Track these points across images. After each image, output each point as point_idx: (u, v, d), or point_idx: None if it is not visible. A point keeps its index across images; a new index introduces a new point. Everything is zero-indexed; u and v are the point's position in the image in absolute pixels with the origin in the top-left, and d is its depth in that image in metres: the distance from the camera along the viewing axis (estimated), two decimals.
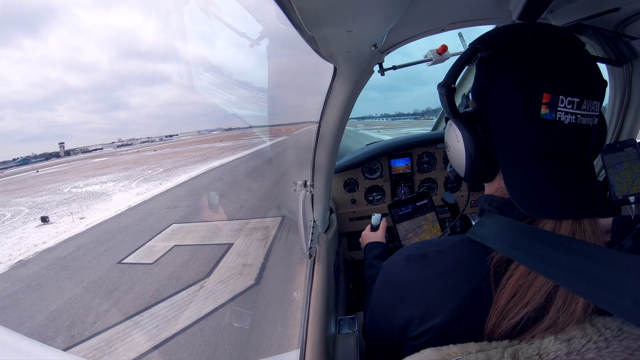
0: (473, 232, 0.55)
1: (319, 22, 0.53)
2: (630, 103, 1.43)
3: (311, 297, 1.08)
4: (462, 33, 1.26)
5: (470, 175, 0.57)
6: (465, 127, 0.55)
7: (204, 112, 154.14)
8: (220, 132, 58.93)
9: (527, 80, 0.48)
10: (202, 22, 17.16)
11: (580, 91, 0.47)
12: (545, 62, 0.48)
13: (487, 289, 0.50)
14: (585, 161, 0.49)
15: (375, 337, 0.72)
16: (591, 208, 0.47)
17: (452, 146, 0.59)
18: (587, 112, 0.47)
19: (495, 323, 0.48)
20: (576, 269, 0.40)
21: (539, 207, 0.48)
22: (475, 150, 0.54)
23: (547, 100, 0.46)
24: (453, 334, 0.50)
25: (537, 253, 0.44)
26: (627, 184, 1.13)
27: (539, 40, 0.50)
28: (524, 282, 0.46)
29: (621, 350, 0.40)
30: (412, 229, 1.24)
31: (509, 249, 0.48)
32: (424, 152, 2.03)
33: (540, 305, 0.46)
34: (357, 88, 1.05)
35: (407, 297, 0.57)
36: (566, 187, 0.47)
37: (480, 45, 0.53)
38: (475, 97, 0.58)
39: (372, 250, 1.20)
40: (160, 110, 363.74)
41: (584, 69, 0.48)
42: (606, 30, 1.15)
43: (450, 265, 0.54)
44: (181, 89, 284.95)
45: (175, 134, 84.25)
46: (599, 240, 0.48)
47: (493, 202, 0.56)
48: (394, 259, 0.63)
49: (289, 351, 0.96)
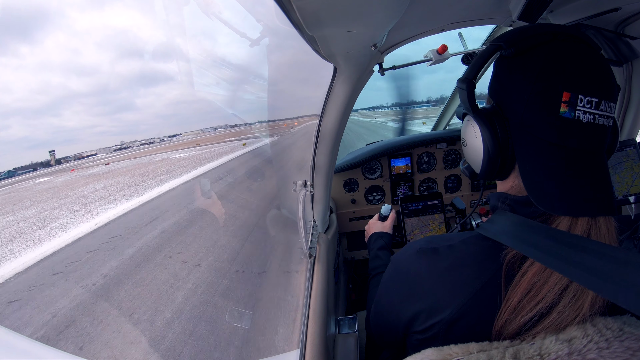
0: (485, 229, 0.56)
1: (319, 22, 0.53)
2: (630, 103, 1.43)
3: (311, 297, 1.08)
4: (462, 33, 1.26)
5: (487, 172, 0.57)
6: (485, 123, 0.55)
7: (211, 109, 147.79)
8: (225, 129, 56.95)
9: (548, 78, 0.49)
10: (203, 20, 15.07)
11: (599, 91, 0.48)
12: (565, 62, 0.49)
13: (497, 285, 0.50)
14: (600, 161, 0.50)
15: (380, 329, 0.72)
16: (607, 206, 0.48)
17: (470, 142, 0.60)
18: (605, 112, 0.48)
19: (507, 320, 0.48)
20: (591, 267, 0.40)
21: (557, 204, 0.48)
22: (494, 146, 0.54)
23: (567, 98, 0.47)
24: (460, 329, 0.51)
25: (551, 251, 0.45)
26: (627, 184, 1.14)
27: (558, 41, 0.51)
28: (539, 279, 0.47)
29: (622, 351, 0.40)
30: (419, 227, 1.26)
31: (524, 245, 0.48)
32: (424, 152, 2.03)
33: (554, 302, 0.46)
34: (357, 88, 1.05)
35: (415, 291, 0.57)
36: (583, 185, 0.48)
37: (502, 42, 0.54)
38: (494, 94, 0.59)
39: (377, 241, 1.20)
40: (167, 110, 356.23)
41: (601, 71, 0.49)
42: (606, 30, 1.15)
43: (461, 260, 0.54)
44: (186, 87, 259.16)
45: (178, 134, 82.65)
46: (613, 239, 0.49)
47: (507, 199, 0.56)
48: (405, 251, 0.63)
49: (289, 351, 0.96)
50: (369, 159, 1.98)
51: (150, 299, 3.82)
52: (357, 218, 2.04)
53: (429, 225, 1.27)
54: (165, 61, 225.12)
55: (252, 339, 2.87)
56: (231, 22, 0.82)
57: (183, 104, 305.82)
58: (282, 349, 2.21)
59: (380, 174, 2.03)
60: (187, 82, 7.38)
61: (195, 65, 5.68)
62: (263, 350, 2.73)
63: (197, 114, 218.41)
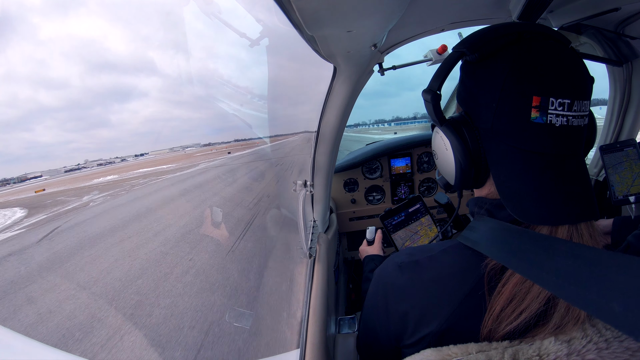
0: (464, 237, 0.54)
1: (319, 22, 0.53)
2: (630, 103, 1.43)
3: (311, 297, 1.08)
4: (462, 33, 1.26)
5: (461, 184, 0.56)
6: (454, 135, 0.53)
7: (188, 127, 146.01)
8: (198, 148, 55.65)
9: (515, 83, 0.47)
10: (193, 24, 14.07)
11: (571, 92, 0.45)
12: (533, 64, 0.46)
13: (481, 295, 0.49)
14: (578, 163, 0.48)
15: (370, 350, 0.70)
16: (587, 211, 0.46)
17: (441, 154, 0.58)
18: (578, 112, 0.46)
19: (491, 329, 0.47)
20: (569, 274, 0.39)
21: (534, 214, 0.47)
22: (465, 158, 0.53)
23: (537, 103, 0.45)
24: (450, 339, 0.50)
25: (529, 258, 0.43)
26: (627, 184, 1.13)
27: (524, 41, 0.48)
28: (521, 288, 0.46)
29: (622, 351, 0.40)
30: (409, 237, 1.22)
31: (502, 254, 0.47)
32: (424, 152, 2.03)
33: (541, 311, 0.45)
34: (357, 88, 1.05)
35: (400, 299, 0.56)
36: (561, 191, 0.46)
37: (464, 49, 0.51)
38: (462, 101, 0.57)
39: (369, 264, 1.18)
40: (143, 127, 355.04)
41: (572, 68, 0.47)
42: (606, 30, 1.15)
43: (443, 271, 0.53)
44: (163, 104, 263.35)
45: (146, 152, 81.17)
46: (597, 243, 0.47)
47: (484, 204, 0.55)
48: (386, 266, 0.62)
49: (289, 351, 0.96)
50: (369, 159, 1.98)
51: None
52: (357, 218, 2.04)
53: (418, 232, 1.24)
54: (139, 75, 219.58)
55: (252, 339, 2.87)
56: (230, 23, 0.82)
57: (159, 122, 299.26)
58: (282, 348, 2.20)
59: (380, 174, 2.03)
60: (164, 98, 6.03)
61: (178, 78, 5.44)
62: (263, 350, 2.73)
63: (175, 132, 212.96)
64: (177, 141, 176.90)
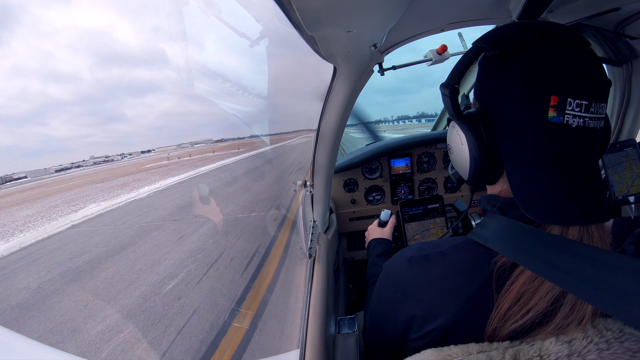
0: (475, 234, 0.55)
1: (319, 22, 0.53)
2: (630, 103, 1.43)
3: (311, 297, 1.08)
4: (462, 33, 1.26)
5: (474, 179, 0.56)
6: (470, 129, 0.53)
7: (205, 121, 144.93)
8: (208, 145, 54.03)
9: (535, 82, 0.47)
10: (194, 21, 14.57)
11: (589, 93, 0.45)
12: (552, 63, 0.46)
13: (489, 292, 0.49)
14: (592, 165, 0.48)
15: (376, 339, 0.71)
16: (599, 213, 0.46)
17: (456, 149, 0.58)
18: (595, 114, 0.46)
19: (497, 327, 0.47)
20: (583, 274, 0.38)
21: (546, 213, 0.47)
22: (480, 153, 0.53)
23: (555, 103, 0.45)
24: (456, 336, 0.50)
25: (542, 257, 0.43)
26: (626, 184, 1.13)
27: (544, 40, 0.48)
28: (529, 287, 0.46)
29: (622, 352, 0.40)
30: (420, 231, 1.23)
31: (514, 252, 0.47)
32: (424, 152, 2.03)
33: (547, 311, 0.45)
34: (357, 88, 1.05)
35: (408, 296, 0.56)
36: (573, 192, 0.46)
37: (485, 45, 0.51)
38: (479, 97, 0.57)
39: (376, 248, 1.17)
40: (159, 121, 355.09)
41: (591, 70, 0.47)
42: (606, 30, 1.15)
43: (453, 267, 0.53)
44: (179, 98, 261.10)
45: (152, 149, 79.85)
46: (606, 245, 0.47)
47: (497, 202, 0.55)
48: (395, 259, 0.62)
49: (289, 351, 0.96)
50: (368, 159, 1.98)
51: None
52: (357, 218, 2.04)
53: (430, 229, 1.24)
54: (152, 68, 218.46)
55: (253, 339, 2.87)
56: (230, 23, 0.82)
57: (175, 116, 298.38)
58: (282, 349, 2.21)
59: (380, 174, 2.03)
60: (179, 92, 5.70)
61: (187, 72, 5.37)
62: (263, 350, 2.73)
63: (191, 126, 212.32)
64: (192, 136, 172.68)
